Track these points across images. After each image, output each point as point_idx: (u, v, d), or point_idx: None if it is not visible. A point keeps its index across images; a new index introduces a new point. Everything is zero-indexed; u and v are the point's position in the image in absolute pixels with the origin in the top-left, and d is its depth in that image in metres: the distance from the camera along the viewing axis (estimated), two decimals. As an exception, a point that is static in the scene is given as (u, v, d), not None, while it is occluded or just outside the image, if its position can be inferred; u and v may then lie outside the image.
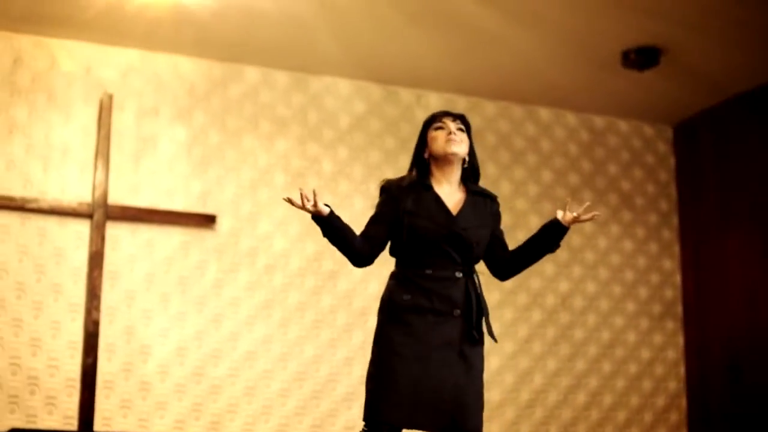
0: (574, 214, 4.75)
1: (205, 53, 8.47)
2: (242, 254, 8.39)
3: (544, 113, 9.54)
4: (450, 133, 4.74)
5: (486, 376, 8.01)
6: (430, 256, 4.62)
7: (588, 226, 9.35)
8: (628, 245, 9.57)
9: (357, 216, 8.48)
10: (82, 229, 7.99)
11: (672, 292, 9.60)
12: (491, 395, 8.73)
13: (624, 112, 9.67)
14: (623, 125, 9.79)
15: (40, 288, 7.85)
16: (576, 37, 8.06)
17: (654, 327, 9.48)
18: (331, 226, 4.63)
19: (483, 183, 8.67)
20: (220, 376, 8.17)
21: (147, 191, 8.22)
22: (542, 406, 8.97)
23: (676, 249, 9.71)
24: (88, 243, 7.97)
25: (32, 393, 7.68)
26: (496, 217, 4.88)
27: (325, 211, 4.58)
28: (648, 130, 9.87)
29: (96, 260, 7.95)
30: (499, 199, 4.90)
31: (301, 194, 4.53)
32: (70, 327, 7.86)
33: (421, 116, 8.86)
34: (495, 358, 8.85)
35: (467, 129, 4.85)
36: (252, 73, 8.67)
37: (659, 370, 9.39)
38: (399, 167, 8.72)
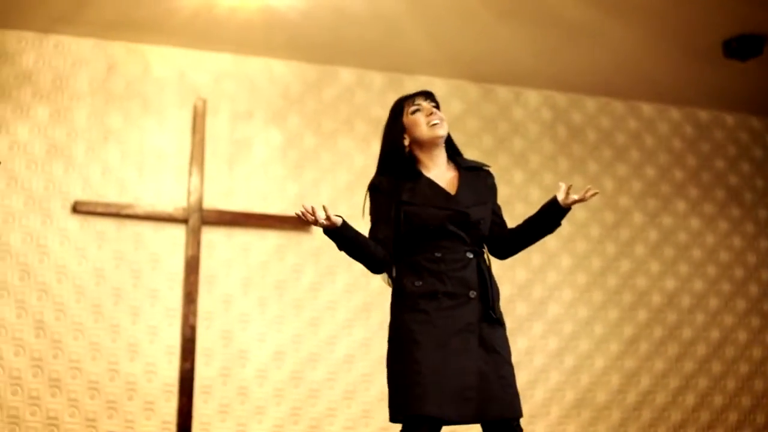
0: (575, 197, 4.41)
1: (297, 55, 8.40)
2: (339, 257, 8.10)
3: (647, 108, 9.29)
4: (430, 114, 4.51)
5: (591, 377, 7.86)
6: (438, 239, 4.40)
7: (695, 223, 9.12)
8: (737, 242, 9.27)
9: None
10: (177, 234, 7.98)
11: (784, 289, 9.31)
12: (597, 396, 8.55)
13: (728, 104, 9.37)
14: (729, 119, 9.50)
15: (137, 293, 7.85)
16: (675, 28, 7.81)
17: (766, 325, 9.17)
18: (345, 237, 4.41)
19: (584, 181, 8.62)
20: (319, 380, 8.08)
21: (242, 195, 8.17)
22: (649, 407, 8.71)
23: (788, 245, 9.41)
24: (184, 248, 7.96)
25: (130, 398, 7.67)
26: (493, 190, 4.64)
27: (338, 221, 4.36)
28: (756, 122, 9.57)
29: (192, 265, 7.93)
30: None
31: (305, 212, 4.28)
32: (167, 332, 7.84)
33: (520, 114, 8.85)
34: (600, 358, 8.66)
35: (438, 106, 4.60)
36: (346, 75, 8.59)
37: (773, 370, 9.11)
38: (498, 166, 8.59)
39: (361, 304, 8.27)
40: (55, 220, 7.80)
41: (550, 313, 8.66)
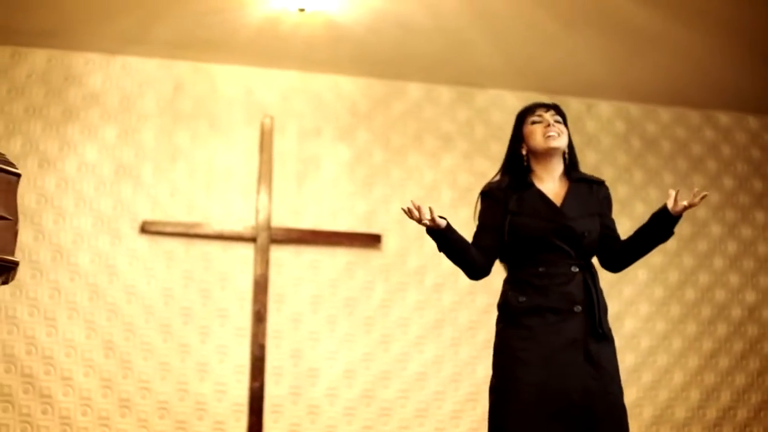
0: (685, 203, 4.38)
1: (364, 71, 8.34)
2: (410, 273, 8.21)
3: (723, 118, 9.07)
4: (548, 125, 4.48)
5: (670, 393, 7.67)
6: (542, 253, 4.36)
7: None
8: (820, 253, 9.03)
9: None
10: (246, 252, 7.94)
11: None
12: (676, 412, 8.35)
13: (808, 112, 9.14)
14: (810, 127, 9.27)
15: (206, 313, 7.83)
16: (750, 34, 7.57)
17: None
18: (448, 239, 4.35)
19: (659, 193, 8.45)
20: (390, 399, 7.97)
21: (310, 213, 8.12)
22: (730, 424, 8.47)
23: None
24: (253, 267, 7.92)
25: (200, 418, 7.64)
26: (605, 202, 4.60)
27: (442, 223, 4.30)
28: (837, 131, 9.33)
29: (261, 284, 7.88)
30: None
31: (411, 208, 4.24)
32: (236, 351, 7.80)
33: (592, 126, 8.70)
34: (679, 373, 8.46)
35: (564, 119, 4.59)
36: (414, 90, 8.51)
37: None
38: (570, 179, 8.47)
39: (433, 321, 8.17)
40: (123, 240, 7.81)
41: (626, 328, 8.48)
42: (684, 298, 8.67)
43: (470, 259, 4.44)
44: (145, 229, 7.81)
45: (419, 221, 4.23)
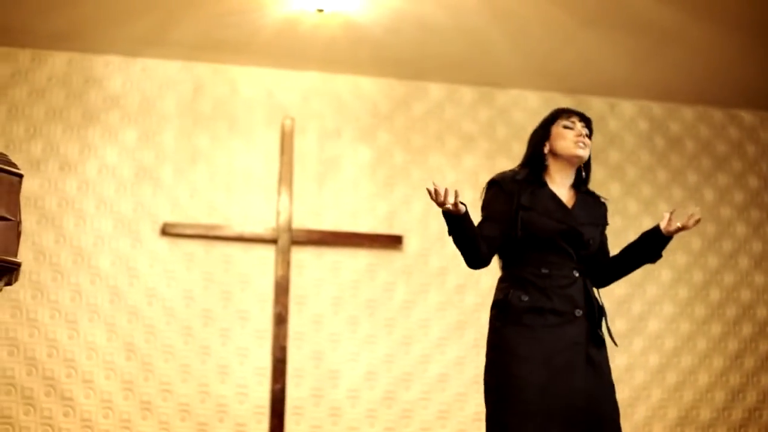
0: (679, 224, 4.41)
1: (385, 72, 8.30)
2: (431, 274, 8.17)
3: (747, 116, 8.98)
4: (579, 135, 4.48)
5: (695, 394, 7.62)
6: (547, 253, 4.33)
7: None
8: None
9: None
10: (267, 254, 7.92)
11: None
12: (701, 413, 8.28)
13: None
14: (836, 124, 9.17)
15: (227, 315, 7.81)
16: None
17: None
18: (464, 226, 4.29)
19: (683, 192, 8.40)
20: (412, 400, 7.93)
21: (331, 214, 8.09)
22: (756, 425, 8.38)
23: None
24: (274, 268, 7.90)
25: (221, 420, 7.62)
26: (605, 220, 4.61)
27: (462, 209, 4.25)
28: None
29: (282, 285, 7.86)
30: (698, 210, 4.57)
31: (437, 189, 4.16)
32: (257, 353, 7.78)
33: (615, 125, 8.64)
34: (704, 374, 8.38)
35: (590, 134, 4.59)
36: (435, 90, 8.47)
37: None
38: (594, 179, 8.34)
39: (455, 321, 8.12)
40: (144, 242, 7.81)
41: (650, 329, 8.42)
42: (708, 298, 8.59)
43: (477, 246, 4.36)
44: (166, 231, 7.80)
45: (442, 204, 4.18)
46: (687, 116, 8.89)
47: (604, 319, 4.38)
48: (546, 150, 4.53)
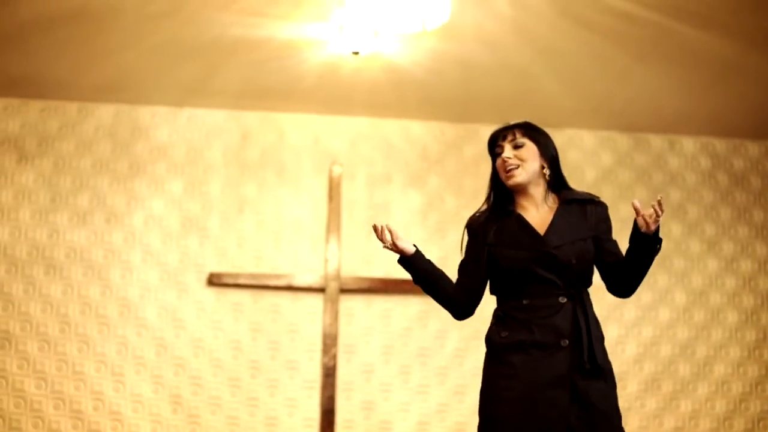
0: (646, 215, 3.96)
1: (433, 114, 8.17)
2: (484, 320, 7.81)
3: (816, 150, 8.68)
4: (504, 162, 4.12)
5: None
6: (527, 284, 3.95)
7: None
8: None
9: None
10: (315, 303, 7.81)
11: None
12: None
13: None
14: None
15: (275, 365, 7.70)
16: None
17: None
18: (415, 268, 4.10)
19: (749, 231, 8.11)
20: (466, 451, 7.74)
21: (381, 261, 7.91)
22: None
23: None
24: (322, 317, 7.77)
25: (268, 473, 7.50)
26: (601, 222, 4.13)
27: (409, 250, 4.05)
28: None
29: (331, 335, 7.72)
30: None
31: (376, 228, 4.04)
32: (306, 404, 7.65)
33: (676, 163, 8.38)
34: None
35: (532, 135, 4.19)
36: (486, 132, 8.21)
37: None
38: (653, 219, 8.14)
39: (508, 367, 7.90)
40: (190, 293, 7.75)
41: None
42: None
43: (447, 295, 4.15)
44: (212, 281, 7.73)
45: (385, 245, 4.03)
46: (752, 152, 8.59)
47: (594, 346, 3.93)
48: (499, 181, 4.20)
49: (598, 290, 4.09)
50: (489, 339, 4.07)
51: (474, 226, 4.20)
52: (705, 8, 6.38)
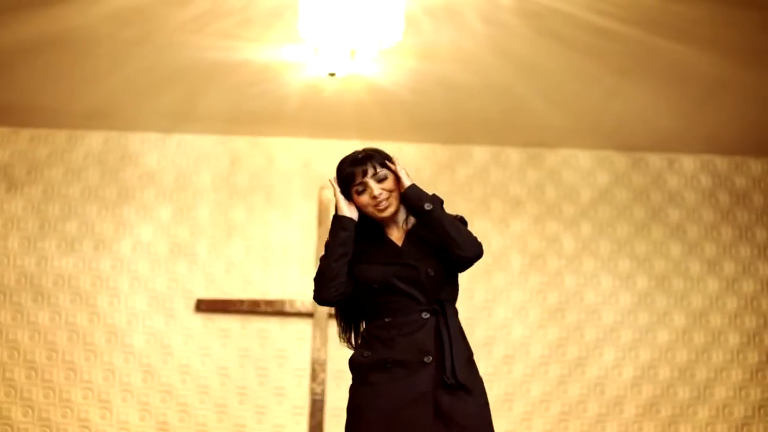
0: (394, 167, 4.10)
1: (423, 136, 8.10)
2: (478, 344, 7.81)
3: (819, 167, 8.49)
4: (374, 198, 4.06)
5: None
6: (388, 302, 3.94)
7: None
8: None
9: (606, 297, 7.82)
10: (304, 328, 7.75)
11: None
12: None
13: None
14: None
15: (263, 392, 7.64)
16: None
17: None
18: (348, 232, 4.02)
19: (751, 250, 8.03)
20: (458, 477, 7.60)
21: (371, 284, 7.84)
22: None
23: None
24: (311, 343, 7.70)
25: (254, 500, 7.43)
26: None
27: (353, 213, 4.05)
28: None
29: (319, 360, 7.64)
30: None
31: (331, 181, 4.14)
32: (294, 430, 7.56)
33: (675, 182, 8.22)
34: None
35: (384, 163, 4.19)
36: (480, 153, 8.20)
37: None
38: (651, 239, 8.03)
39: (503, 394, 7.82)
40: (178, 319, 7.71)
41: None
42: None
43: (338, 273, 4.03)
44: (200, 307, 7.68)
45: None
46: (754, 169, 8.41)
47: (456, 362, 3.88)
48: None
49: (593, 313, 4.00)
50: (352, 360, 4.05)
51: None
52: (686, 23, 6.23)
